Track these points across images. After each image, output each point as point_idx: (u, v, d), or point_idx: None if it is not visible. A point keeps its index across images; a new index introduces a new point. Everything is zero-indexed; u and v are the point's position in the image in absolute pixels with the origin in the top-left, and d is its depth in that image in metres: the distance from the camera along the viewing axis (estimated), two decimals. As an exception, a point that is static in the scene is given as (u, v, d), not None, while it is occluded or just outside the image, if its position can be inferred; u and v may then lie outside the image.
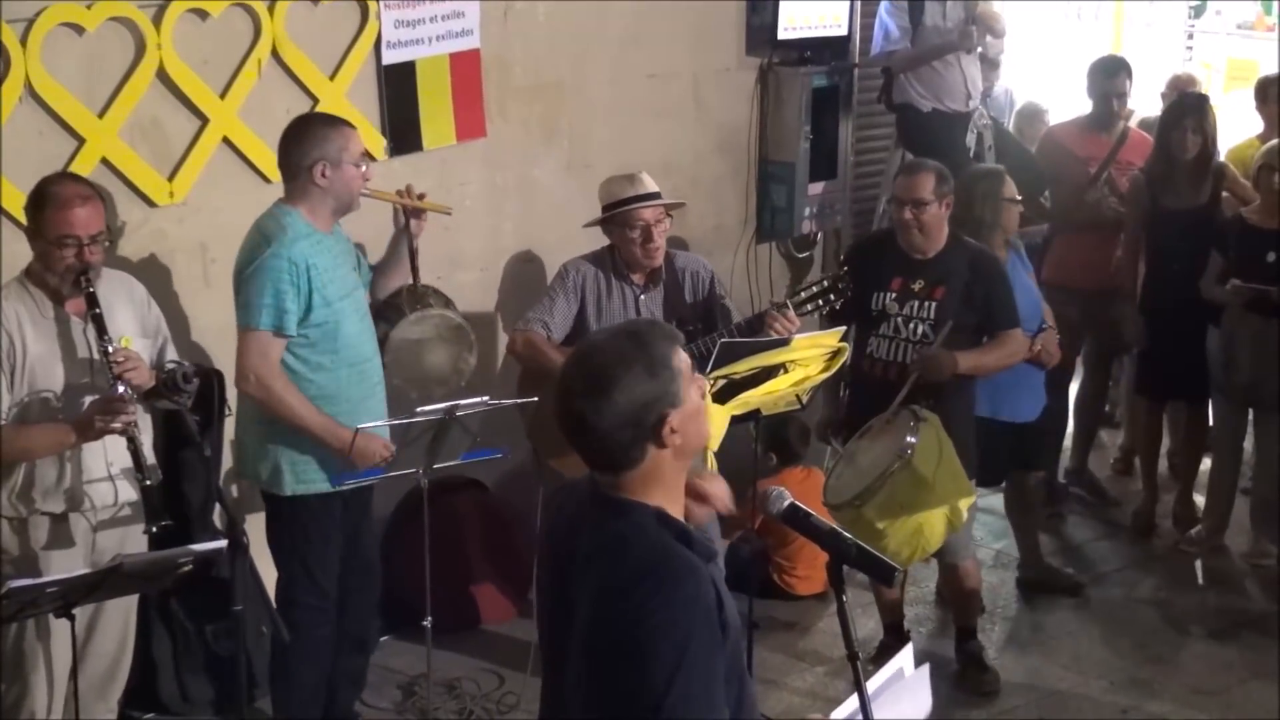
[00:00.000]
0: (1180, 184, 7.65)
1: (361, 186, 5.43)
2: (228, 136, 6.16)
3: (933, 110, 8.21)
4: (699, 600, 3.02)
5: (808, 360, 5.75)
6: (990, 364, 6.29)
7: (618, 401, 3.05)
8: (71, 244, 4.85)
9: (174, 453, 5.76)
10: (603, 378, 3.07)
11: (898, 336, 6.26)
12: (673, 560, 3.06)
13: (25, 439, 4.88)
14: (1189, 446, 8.20)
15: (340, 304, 5.38)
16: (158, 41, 5.88)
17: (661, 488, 3.16)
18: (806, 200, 8.18)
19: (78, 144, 5.76)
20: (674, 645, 2.97)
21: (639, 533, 3.10)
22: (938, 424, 5.92)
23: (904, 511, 5.82)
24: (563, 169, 7.34)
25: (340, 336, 5.39)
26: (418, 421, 5.37)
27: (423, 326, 5.68)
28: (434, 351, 5.67)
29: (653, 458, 3.11)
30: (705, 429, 3.21)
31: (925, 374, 6.06)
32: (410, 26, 6.65)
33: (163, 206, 6.04)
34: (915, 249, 6.29)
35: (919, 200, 6.21)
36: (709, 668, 3.00)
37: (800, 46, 8.14)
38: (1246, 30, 13.53)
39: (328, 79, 6.40)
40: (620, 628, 3.01)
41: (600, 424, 3.07)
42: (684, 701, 2.94)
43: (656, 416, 3.07)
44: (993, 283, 6.31)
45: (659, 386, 3.08)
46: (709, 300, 6.14)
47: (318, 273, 5.29)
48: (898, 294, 6.28)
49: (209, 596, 5.67)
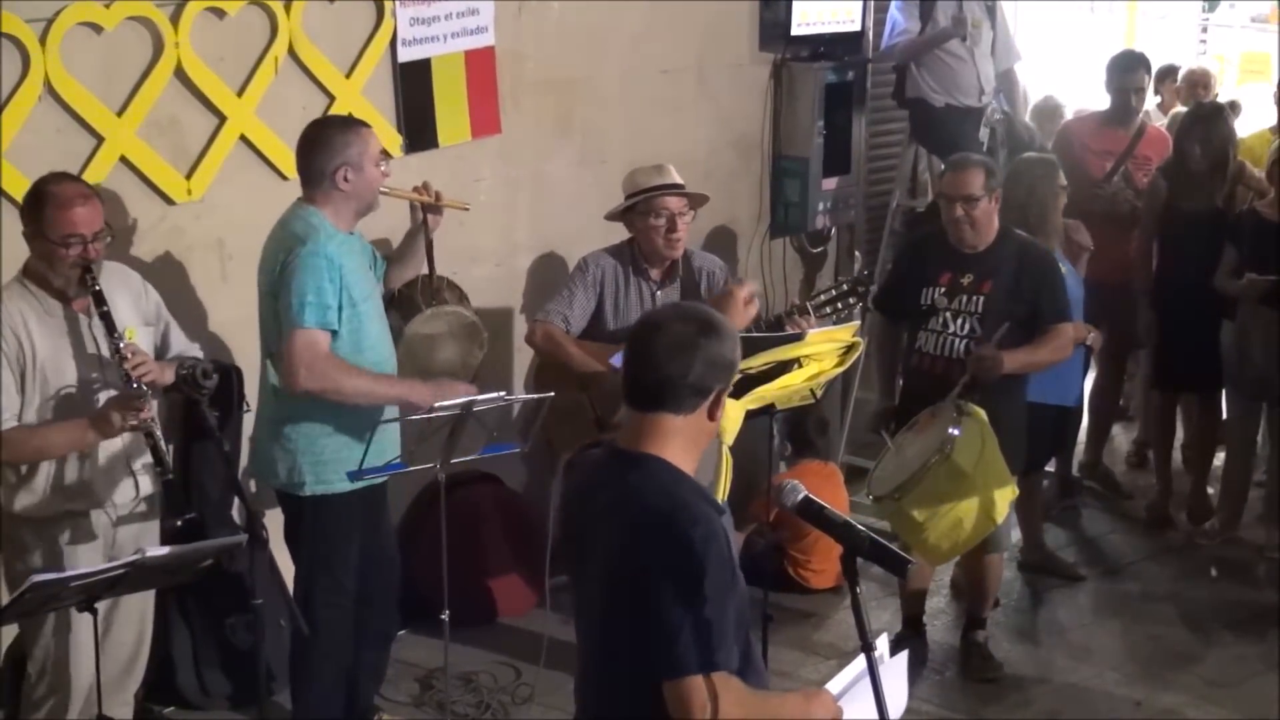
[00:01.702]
0: (1196, 186, 7.67)
1: (377, 186, 5.46)
2: (245, 134, 6.19)
3: (946, 105, 8.24)
4: (716, 538, 3.28)
5: (821, 355, 5.77)
6: (1041, 360, 6.28)
7: (719, 349, 3.39)
8: (76, 243, 4.86)
9: (192, 447, 5.80)
10: (723, 328, 3.43)
11: (946, 331, 6.28)
12: (689, 502, 3.34)
13: (40, 438, 4.89)
14: (1201, 440, 8.22)
15: (364, 305, 5.40)
16: (175, 40, 5.91)
17: (678, 449, 3.42)
18: (820, 195, 8.19)
19: (97, 142, 5.79)
20: (685, 585, 3.23)
21: (655, 479, 3.38)
22: (982, 418, 5.94)
23: (942, 504, 5.86)
24: (576, 164, 7.36)
25: (364, 337, 5.41)
26: (435, 417, 5.40)
27: (436, 323, 5.70)
28: (445, 347, 5.68)
29: (687, 420, 3.40)
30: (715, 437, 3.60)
31: (977, 374, 6.07)
32: (425, 24, 6.67)
33: (181, 204, 6.07)
34: (965, 244, 6.30)
35: (969, 196, 6.21)
36: (723, 602, 3.25)
37: (814, 42, 8.16)
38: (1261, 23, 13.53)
39: (344, 76, 6.43)
40: (638, 564, 3.29)
41: (697, 355, 3.36)
42: (693, 633, 3.21)
43: (722, 385, 3.41)
44: (1042, 276, 6.30)
45: (732, 365, 3.44)
46: None
47: (347, 273, 5.32)
48: (946, 289, 6.30)
49: (228, 590, 5.71)
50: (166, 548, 4.79)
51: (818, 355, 5.74)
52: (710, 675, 3.23)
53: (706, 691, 3.22)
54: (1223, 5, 13.54)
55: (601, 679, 3.50)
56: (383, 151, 5.51)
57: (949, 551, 5.99)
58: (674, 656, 3.23)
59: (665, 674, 3.24)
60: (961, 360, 6.18)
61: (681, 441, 3.41)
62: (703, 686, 3.22)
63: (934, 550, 5.89)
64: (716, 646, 3.24)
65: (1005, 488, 6.00)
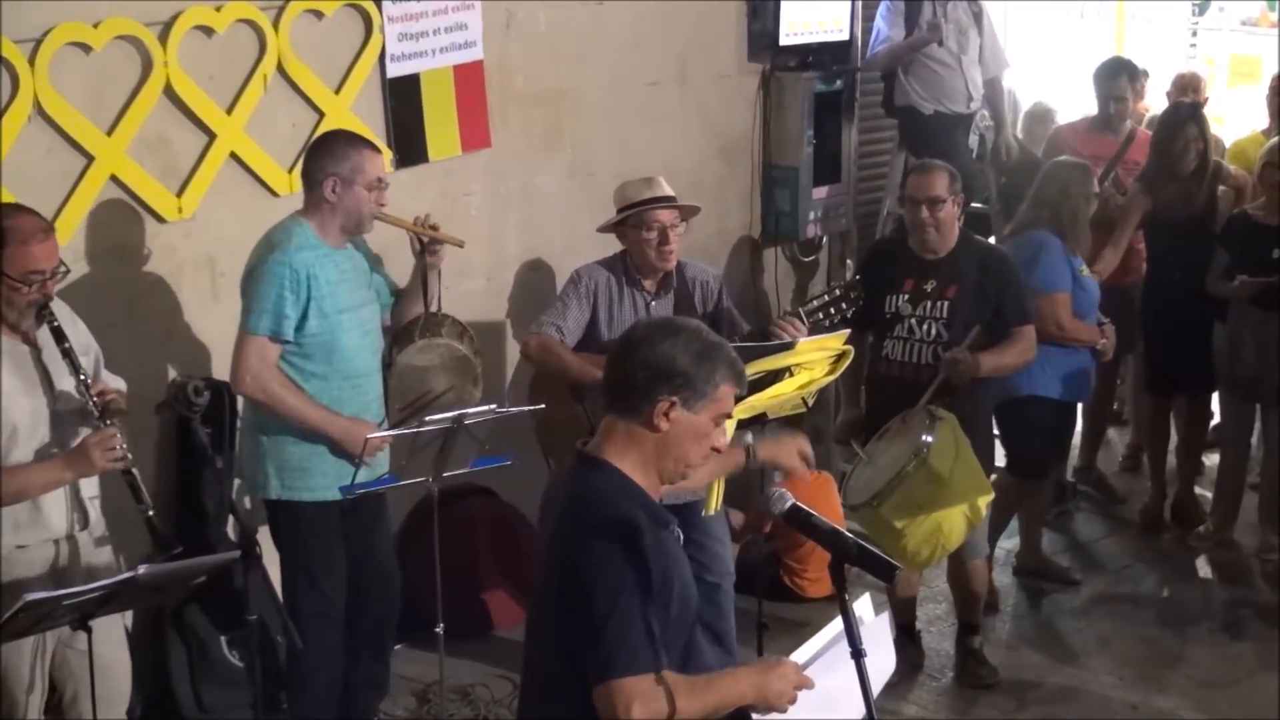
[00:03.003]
0: (1177, 192, 7.69)
1: (372, 209, 5.49)
2: (235, 151, 6.21)
3: (935, 112, 8.27)
4: (645, 547, 3.35)
5: (813, 363, 5.77)
6: (1008, 362, 6.33)
7: (664, 350, 3.44)
8: (36, 279, 4.79)
9: (187, 465, 5.80)
10: (670, 328, 3.51)
11: (912, 337, 6.30)
12: (622, 510, 3.41)
13: (21, 479, 4.81)
14: (1188, 441, 8.22)
15: (338, 317, 5.45)
16: (164, 59, 5.93)
17: (635, 460, 3.50)
18: (811, 204, 8.22)
19: (87, 161, 5.81)
20: (610, 589, 3.33)
21: (597, 486, 3.48)
22: (954, 422, 5.97)
23: (921, 510, 5.88)
24: (566, 176, 7.38)
25: (336, 349, 5.47)
26: (426, 430, 5.43)
27: (428, 355, 5.69)
28: (438, 380, 5.67)
29: (645, 422, 3.46)
30: (695, 460, 3.54)
31: (951, 377, 6.10)
32: (414, 39, 6.70)
33: (171, 222, 6.08)
34: (927, 249, 6.32)
35: (934, 198, 6.24)
36: (650, 609, 3.34)
37: (802, 52, 8.18)
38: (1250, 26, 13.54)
39: (333, 93, 6.46)
40: (569, 567, 3.40)
41: (640, 354, 3.46)
42: (617, 638, 3.31)
43: (668, 390, 3.43)
44: (1004, 279, 6.35)
45: (689, 377, 3.44)
46: (717, 310, 6.18)
47: (318, 284, 5.38)
48: (910, 295, 6.32)
49: (224, 606, 5.72)
50: (159, 564, 4.78)
51: (809, 363, 5.75)
52: (638, 677, 3.31)
53: (633, 693, 3.30)
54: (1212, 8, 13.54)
55: (539, 682, 3.62)
56: (379, 179, 5.51)
57: (929, 558, 6.01)
58: (599, 661, 3.33)
59: (593, 678, 3.34)
60: (930, 366, 6.21)
61: (635, 448, 3.50)
62: (628, 689, 3.31)
63: (914, 556, 5.90)
64: (642, 651, 3.31)
65: (982, 490, 6.03)
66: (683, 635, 3.49)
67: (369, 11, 6.53)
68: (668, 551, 3.43)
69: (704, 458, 3.56)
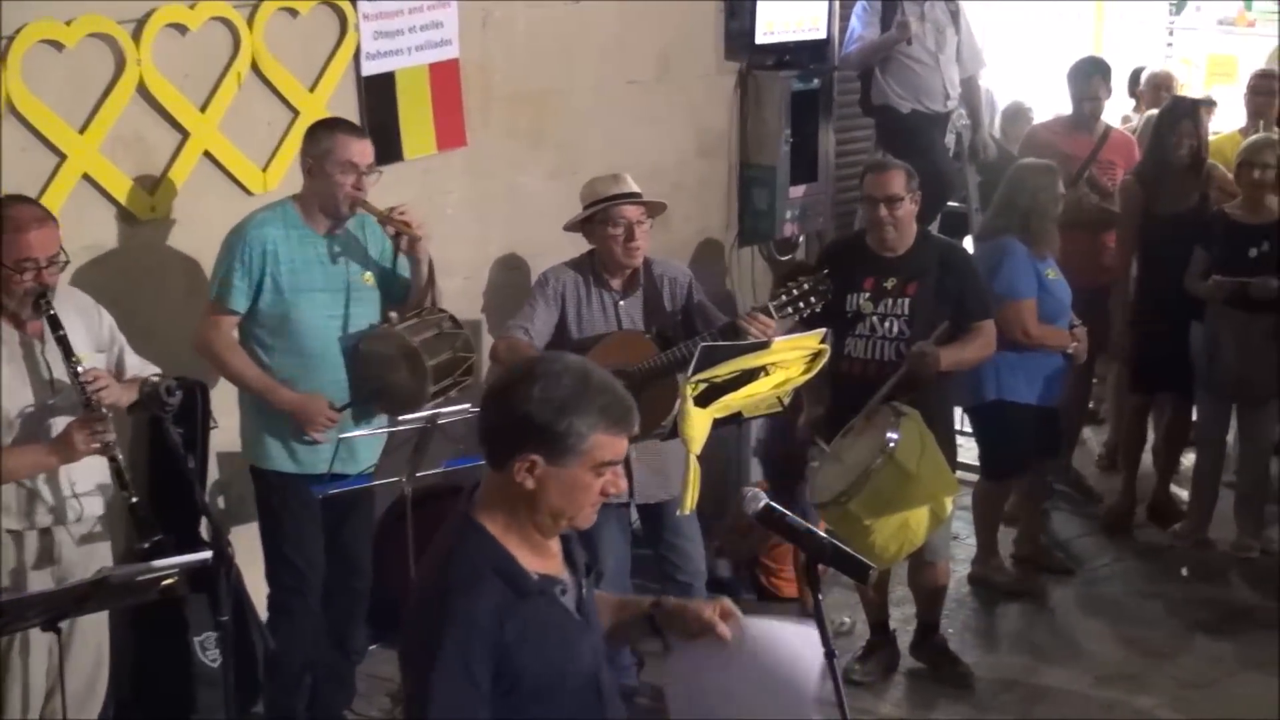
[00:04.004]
0: (1171, 187, 7.71)
1: (344, 194, 5.52)
2: (209, 150, 6.18)
3: (912, 111, 8.27)
4: (471, 623, 3.08)
5: (788, 362, 5.77)
6: (968, 357, 6.36)
7: (517, 404, 3.11)
8: (30, 267, 4.82)
9: (157, 465, 5.78)
10: (530, 376, 3.14)
11: (874, 335, 6.30)
12: (467, 586, 3.12)
13: (5, 462, 4.85)
14: (1170, 440, 8.24)
15: (296, 296, 5.54)
16: (137, 57, 5.89)
17: (508, 516, 3.20)
18: (788, 203, 8.22)
19: (59, 160, 5.77)
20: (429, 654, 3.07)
21: (457, 553, 3.19)
22: (918, 418, 5.97)
23: (889, 507, 5.88)
24: (548, 176, 7.36)
25: (290, 326, 5.57)
26: (400, 430, 5.41)
27: (385, 344, 5.65)
28: (397, 371, 5.64)
29: (509, 479, 3.15)
30: (578, 515, 3.21)
31: (915, 369, 6.10)
32: (389, 37, 6.67)
33: (145, 221, 6.05)
34: (886, 247, 6.33)
35: (892, 196, 6.25)
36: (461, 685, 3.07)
37: (779, 51, 8.18)
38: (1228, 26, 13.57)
39: (308, 91, 6.43)
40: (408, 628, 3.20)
41: (497, 406, 3.17)
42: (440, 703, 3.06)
43: (526, 447, 3.12)
44: (964, 276, 6.38)
45: (548, 431, 3.11)
46: (687, 306, 6.16)
47: (277, 261, 5.51)
48: (871, 293, 6.32)
49: (196, 608, 5.70)
50: (130, 565, 4.77)
51: (784, 363, 5.74)
52: None
53: None
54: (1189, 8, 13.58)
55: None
56: (354, 164, 5.52)
57: (896, 554, 6.00)
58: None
59: None
60: (893, 363, 6.22)
61: (505, 504, 3.20)
62: None
63: (882, 553, 5.89)
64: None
65: (949, 486, 6.05)
66: (554, 707, 3.21)
67: (344, 9, 6.50)
68: (524, 623, 3.14)
69: (593, 509, 3.22)
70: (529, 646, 3.14)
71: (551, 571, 3.27)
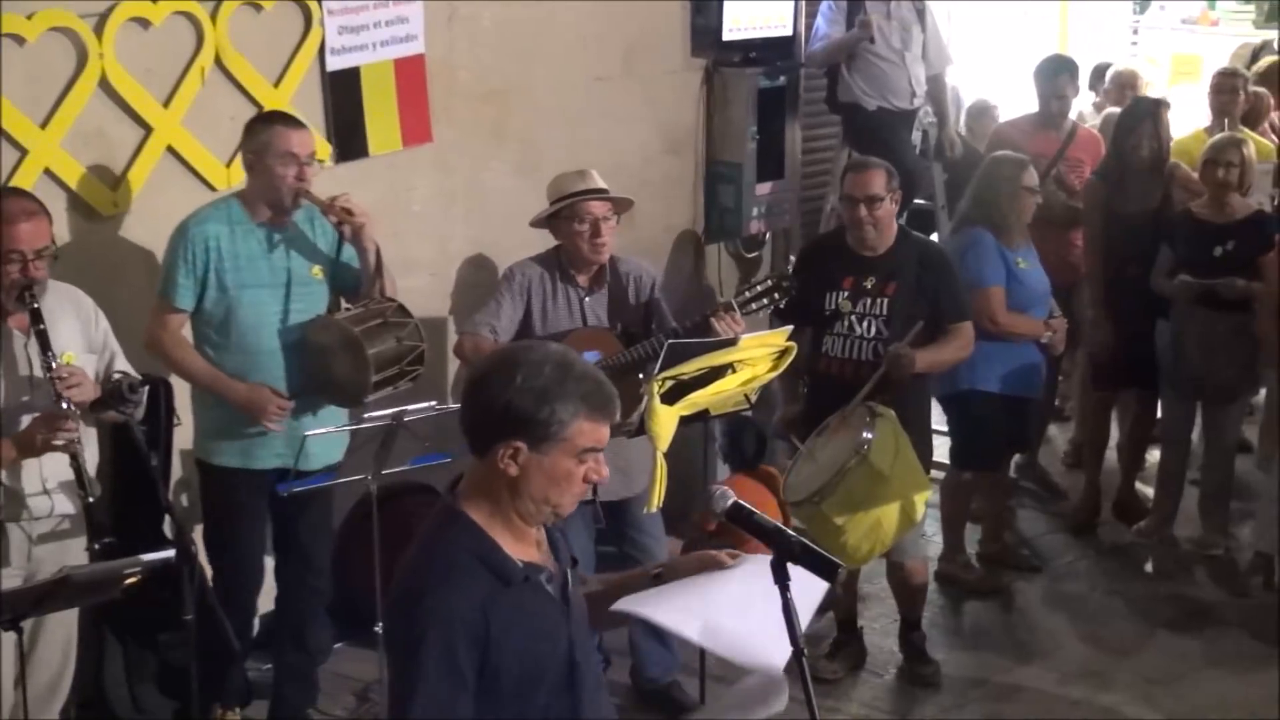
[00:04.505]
0: (1133, 187, 7.71)
1: (287, 186, 5.50)
2: (172, 145, 6.14)
3: (878, 108, 8.27)
4: (454, 618, 3.10)
5: (755, 360, 5.75)
6: (945, 358, 6.36)
7: (497, 392, 3.16)
8: (16, 259, 4.81)
9: (122, 464, 5.73)
10: (509, 364, 3.19)
11: (852, 334, 6.29)
12: (451, 578, 3.15)
13: None
14: (1134, 437, 8.26)
15: (239, 292, 5.52)
16: (100, 51, 5.85)
17: (492, 505, 3.23)
18: (754, 200, 8.20)
19: (20, 155, 5.72)
20: (414, 646, 3.10)
21: (441, 544, 3.23)
22: (894, 419, 5.96)
23: (861, 507, 5.87)
24: (512, 173, 7.33)
25: (233, 323, 5.55)
26: (365, 427, 5.38)
27: (327, 334, 5.60)
28: (338, 362, 5.58)
29: (492, 467, 3.19)
30: (561, 502, 3.25)
31: (891, 371, 6.09)
32: (354, 33, 6.63)
33: (107, 216, 6.01)
34: (866, 246, 6.32)
35: (872, 196, 6.24)
36: (447, 677, 3.10)
37: (745, 47, 8.16)
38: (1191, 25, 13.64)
39: (272, 86, 6.39)
40: (389, 620, 3.30)
41: (477, 395, 3.22)
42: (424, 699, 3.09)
43: (508, 434, 3.16)
44: (942, 276, 6.37)
45: (528, 419, 3.14)
46: (650, 304, 6.14)
47: (219, 257, 5.50)
48: (850, 292, 6.31)
49: (160, 606, 5.65)
50: (92, 564, 4.73)
51: (751, 360, 5.73)
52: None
53: None
54: (1153, 7, 13.63)
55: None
56: (294, 155, 5.49)
57: (868, 554, 6.00)
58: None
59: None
60: (870, 363, 6.22)
61: (489, 493, 3.23)
62: None
63: (853, 553, 5.89)
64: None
65: (921, 487, 6.04)
66: (539, 698, 3.24)
67: (309, 5, 6.46)
68: (507, 610, 3.16)
69: (575, 496, 3.25)
70: (513, 636, 3.16)
71: (536, 560, 3.29)
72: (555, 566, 3.35)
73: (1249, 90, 8.99)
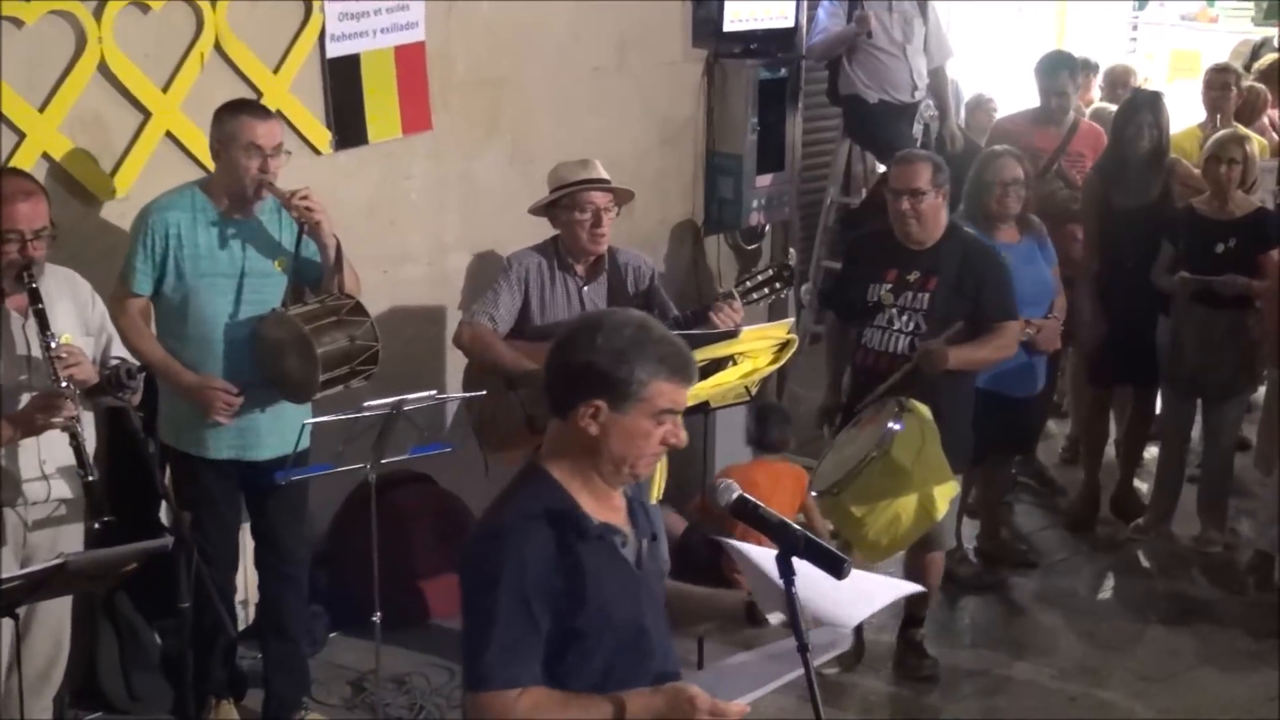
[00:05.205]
0: (1132, 181, 7.67)
1: (250, 177, 5.44)
2: (170, 130, 6.11)
3: (879, 101, 8.25)
4: (527, 566, 3.25)
5: (756, 352, 5.75)
6: (983, 357, 6.27)
7: (580, 351, 3.30)
8: (14, 239, 4.81)
9: (118, 449, 5.71)
10: (591, 326, 3.35)
11: (891, 327, 6.26)
12: (510, 521, 3.32)
13: None
14: (1132, 433, 8.25)
15: (197, 281, 5.49)
16: (99, 35, 5.82)
17: (573, 464, 3.38)
18: (754, 192, 8.18)
19: (18, 139, 5.69)
20: (472, 598, 3.33)
21: (521, 495, 3.38)
22: (925, 414, 5.93)
23: (880, 499, 5.85)
24: (506, 163, 7.31)
25: (189, 312, 5.52)
26: (364, 416, 5.35)
27: (280, 329, 5.51)
28: (288, 356, 5.50)
29: (573, 426, 3.32)
30: (639, 462, 3.37)
31: (922, 366, 6.06)
32: (354, 19, 6.60)
33: (105, 201, 5.98)
34: (911, 240, 6.27)
35: (916, 190, 6.18)
36: (503, 629, 3.23)
37: (746, 39, 8.14)
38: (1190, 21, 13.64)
39: (271, 72, 6.35)
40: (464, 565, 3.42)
41: (561, 355, 3.36)
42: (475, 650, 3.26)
43: (588, 393, 3.29)
44: (986, 274, 6.28)
45: (608, 378, 3.28)
46: (649, 294, 6.12)
47: (179, 244, 5.48)
48: (893, 285, 6.27)
49: (156, 594, 5.63)
50: (89, 551, 4.71)
51: (752, 352, 5.72)
52: (493, 693, 3.25)
53: (486, 710, 3.26)
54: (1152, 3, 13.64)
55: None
56: (254, 144, 5.42)
57: (888, 548, 5.98)
58: (464, 672, 3.32)
59: (464, 687, 3.34)
60: (906, 357, 6.16)
61: (570, 452, 3.37)
62: (482, 705, 3.27)
63: (874, 546, 5.88)
64: (501, 665, 3.23)
65: (945, 485, 5.98)
66: (602, 654, 3.34)
67: (309, -10, 6.44)
68: (580, 564, 3.29)
69: (653, 457, 3.38)
70: (583, 590, 3.29)
71: (614, 522, 3.42)
72: (633, 534, 3.47)
73: (1241, 86, 8.98)
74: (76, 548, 5.00)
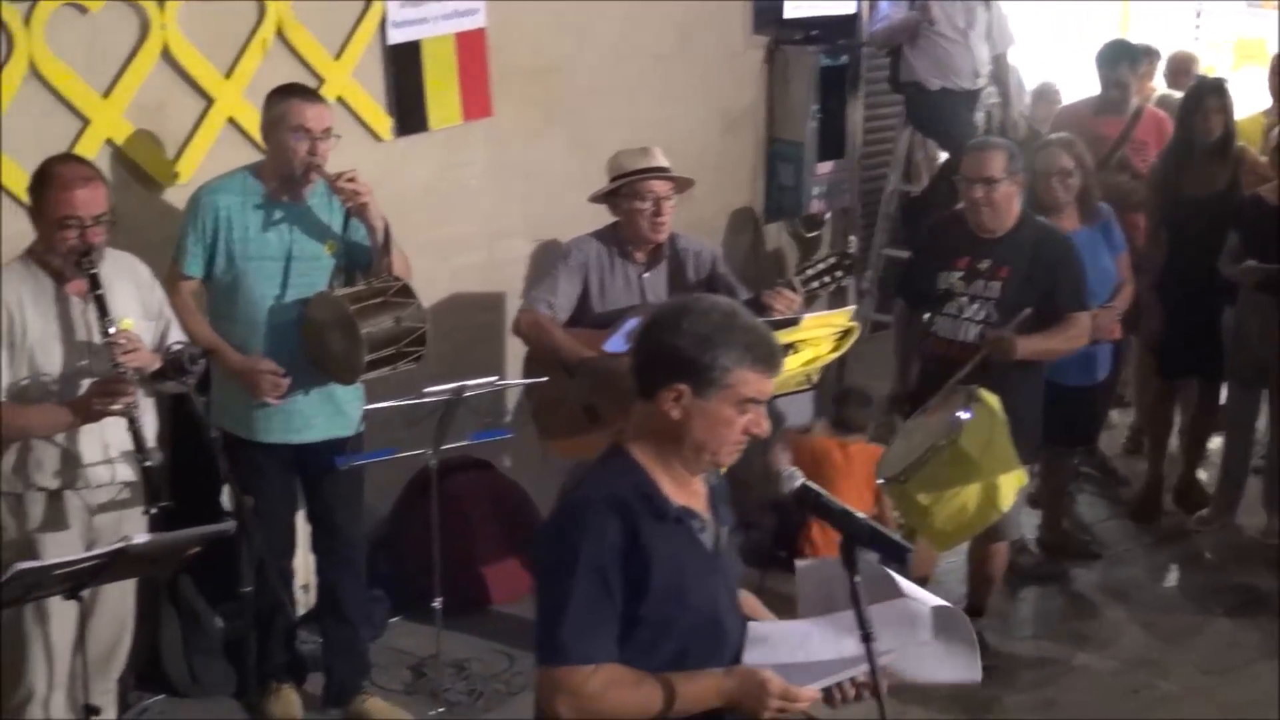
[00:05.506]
0: (1200, 168, 7.60)
1: (299, 160, 5.44)
2: (233, 117, 6.15)
3: (941, 89, 8.20)
4: (605, 544, 3.26)
5: (818, 340, 5.72)
6: (1054, 347, 6.22)
7: (666, 336, 3.31)
8: (74, 225, 4.83)
9: (181, 434, 5.74)
10: (678, 311, 3.36)
11: (961, 316, 6.22)
12: (591, 499, 3.32)
13: (24, 418, 4.88)
14: (1197, 425, 8.17)
15: (245, 264, 5.50)
16: (162, 22, 5.86)
17: (655, 447, 3.38)
18: (814, 179, 8.18)
19: (82, 125, 5.74)
20: (547, 572, 3.32)
21: (597, 472, 3.40)
22: (994, 404, 5.88)
23: (946, 488, 5.83)
24: (565, 151, 7.31)
25: (239, 294, 5.52)
26: (426, 402, 5.35)
27: (324, 310, 5.52)
28: (333, 337, 5.50)
29: (657, 409, 3.32)
30: (721, 449, 3.37)
31: (992, 355, 6.02)
32: (415, 6, 6.63)
33: (168, 187, 6.01)
34: (984, 228, 6.22)
35: (989, 178, 6.13)
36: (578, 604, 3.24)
37: (807, 25, 8.13)
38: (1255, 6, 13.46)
39: (333, 59, 6.39)
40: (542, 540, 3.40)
41: (649, 339, 3.37)
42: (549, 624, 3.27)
43: (673, 377, 3.29)
44: (1057, 264, 6.22)
45: (692, 363, 3.28)
46: (711, 281, 6.10)
47: (228, 228, 5.48)
48: (964, 273, 6.23)
49: (218, 578, 5.66)
50: (151, 535, 4.73)
51: (813, 340, 5.69)
52: (567, 668, 3.26)
53: (558, 685, 3.27)
54: (1218, -11, 13.47)
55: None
56: (306, 129, 5.41)
57: (954, 536, 5.96)
58: (537, 645, 3.31)
59: (536, 661, 3.33)
60: (975, 345, 6.11)
61: (653, 435, 3.37)
62: (554, 680, 3.27)
63: (940, 535, 5.85)
64: (576, 640, 3.24)
65: (1012, 475, 5.93)
66: (676, 636, 3.34)
67: (372, -23, 6.46)
68: (657, 545, 3.29)
69: (736, 444, 3.36)
70: (658, 571, 3.28)
71: (693, 507, 3.43)
72: (713, 521, 3.47)
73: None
74: (140, 531, 5.03)
